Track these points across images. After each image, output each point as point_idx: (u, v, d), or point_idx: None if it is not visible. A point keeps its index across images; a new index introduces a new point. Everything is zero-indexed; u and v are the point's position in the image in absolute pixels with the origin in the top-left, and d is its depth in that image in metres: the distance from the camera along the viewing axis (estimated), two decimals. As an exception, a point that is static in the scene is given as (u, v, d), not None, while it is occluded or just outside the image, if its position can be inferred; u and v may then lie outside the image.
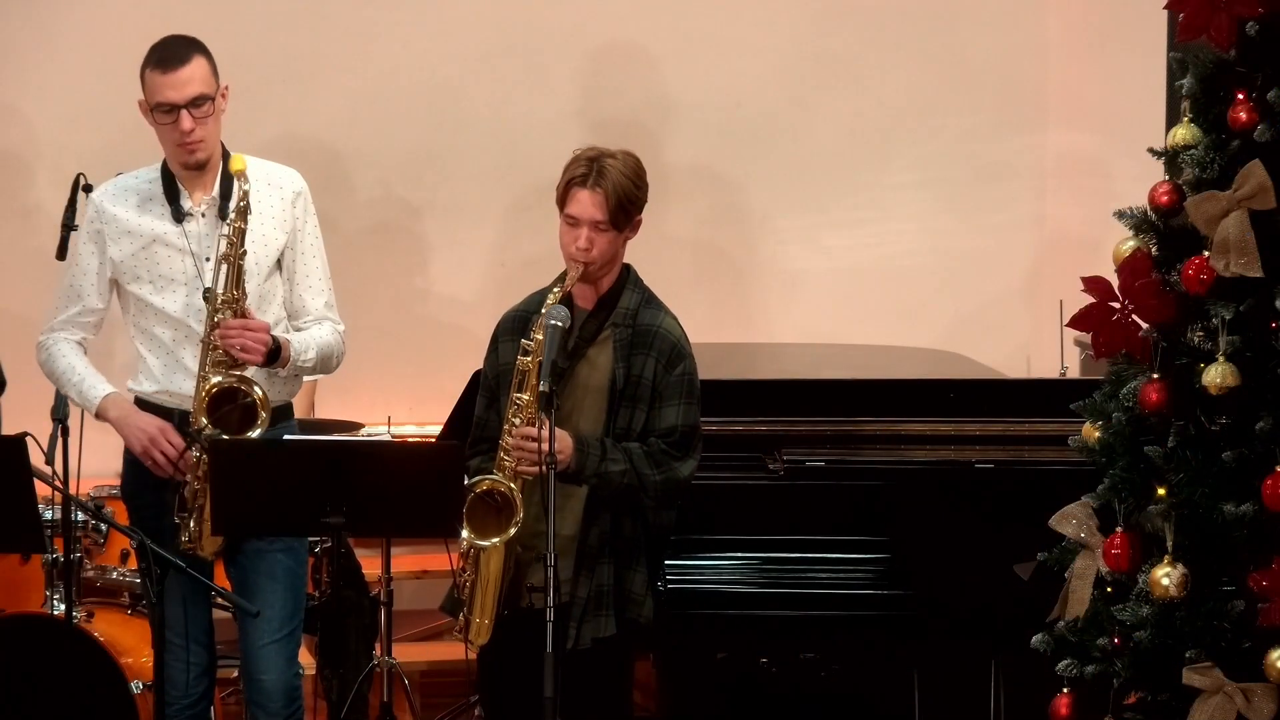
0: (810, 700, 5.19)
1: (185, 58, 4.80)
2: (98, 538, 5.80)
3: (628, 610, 4.64)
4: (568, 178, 4.59)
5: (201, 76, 4.80)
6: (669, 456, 4.60)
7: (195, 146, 4.81)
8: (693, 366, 4.68)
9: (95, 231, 4.94)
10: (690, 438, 4.65)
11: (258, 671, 4.94)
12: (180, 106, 4.78)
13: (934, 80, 7.36)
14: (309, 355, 4.90)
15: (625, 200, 4.56)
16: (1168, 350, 4.04)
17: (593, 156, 4.59)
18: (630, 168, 4.60)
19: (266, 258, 4.91)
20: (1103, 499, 4.14)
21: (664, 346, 4.63)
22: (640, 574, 4.67)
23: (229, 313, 4.75)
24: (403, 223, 7.14)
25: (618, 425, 4.60)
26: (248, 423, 4.75)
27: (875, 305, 7.39)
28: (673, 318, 4.71)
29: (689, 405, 4.65)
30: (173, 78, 4.78)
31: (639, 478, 4.56)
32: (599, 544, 4.60)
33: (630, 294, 4.68)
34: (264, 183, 4.92)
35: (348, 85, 7.05)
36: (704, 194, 7.34)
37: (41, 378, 5.06)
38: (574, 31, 7.20)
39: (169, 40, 4.87)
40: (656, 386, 4.62)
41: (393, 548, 6.13)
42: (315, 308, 4.98)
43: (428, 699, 6.56)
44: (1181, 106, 4.10)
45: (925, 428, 5.37)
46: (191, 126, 4.78)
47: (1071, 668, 4.13)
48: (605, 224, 4.56)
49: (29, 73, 6.97)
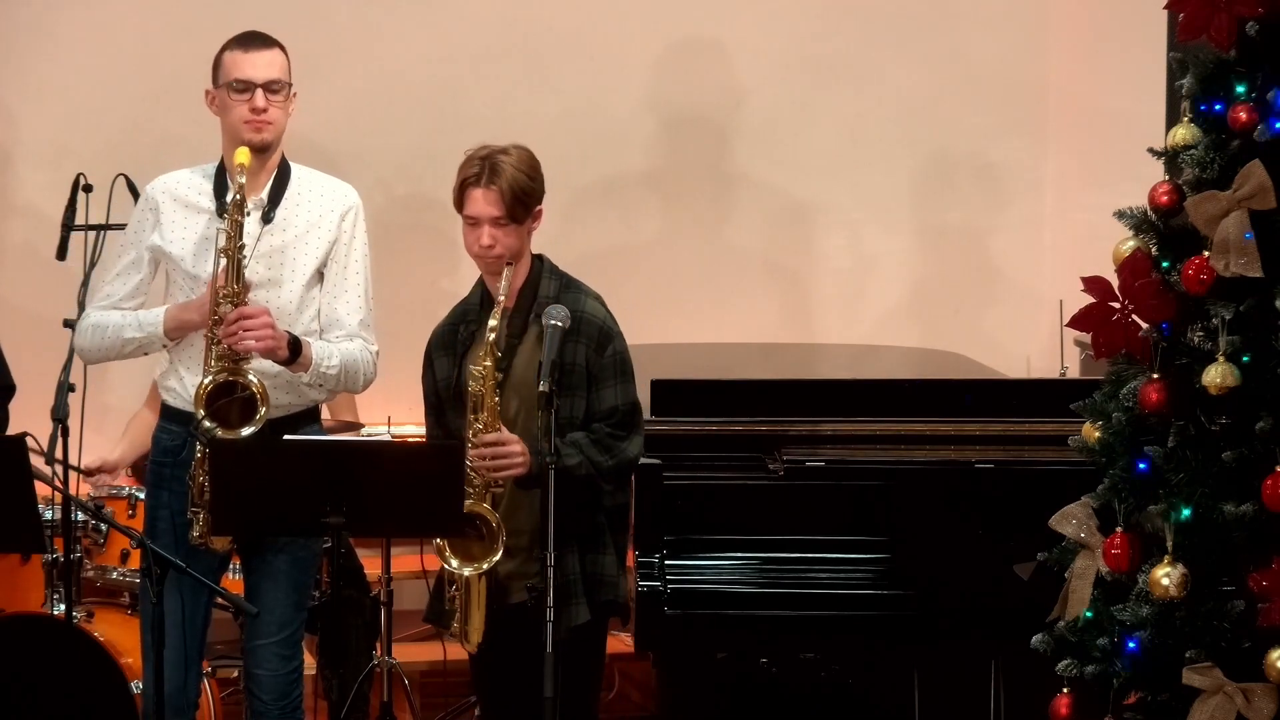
0: (810, 700, 5.19)
1: (269, 44, 4.94)
2: (98, 538, 5.80)
3: (600, 593, 4.66)
4: (461, 178, 4.65)
5: (281, 64, 4.93)
6: (615, 439, 4.64)
7: (263, 125, 4.87)
8: (622, 345, 4.72)
9: (148, 221, 4.97)
10: (632, 415, 4.70)
11: (252, 666, 5.00)
12: (257, 85, 4.86)
13: (934, 80, 7.36)
14: (332, 363, 4.90)
15: (520, 194, 4.60)
16: (1168, 350, 4.04)
17: (484, 155, 4.63)
18: (524, 161, 4.64)
19: (306, 268, 4.93)
20: (1103, 499, 4.14)
21: (590, 330, 4.66)
22: (609, 556, 4.69)
23: (230, 306, 4.76)
24: (402, 223, 7.14)
25: (559, 416, 4.59)
26: (248, 415, 4.75)
27: (875, 305, 7.39)
28: (594, 298, 4.74)
29: (624, 384, 4.69)
30: (255, 56, 4.90)
31: (594, 466, 4.60)
32: (560, 536, 4.57)
33: (548, 282, 4.71)
34: (317, 193, 4.98)
35: (348, 85, 7.05)
36: (704, 194, 7.34)
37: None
38: (574, 31, 7.20)
39: (253, 31, 4.98)
40: (590, 370, 4.65)
41: (393, 548, 6.13)
42: (349, 324, 4.98)
43: (428, 699, 6.57)
44: (1181, 106, 4.10)
45: (925, 428, 5.36)
46: (264, 105, 4.86)
47: (1071, 668, 4.13)
48: (504, 219, 4.60)
49: (29, 73, 6.97)
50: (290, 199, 4.95)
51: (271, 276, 4.91)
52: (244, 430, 4.74)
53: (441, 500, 4.48)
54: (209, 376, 4.76)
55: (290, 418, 4.94)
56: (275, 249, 4.92)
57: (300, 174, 5.00)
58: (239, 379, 4.76)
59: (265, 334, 4.75)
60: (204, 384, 4.75)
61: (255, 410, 4.75)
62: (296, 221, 4.94)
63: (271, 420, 4.79)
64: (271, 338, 4.76)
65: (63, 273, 5.61)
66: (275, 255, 4.92)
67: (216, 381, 4.75)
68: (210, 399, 4.74)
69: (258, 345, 4.75)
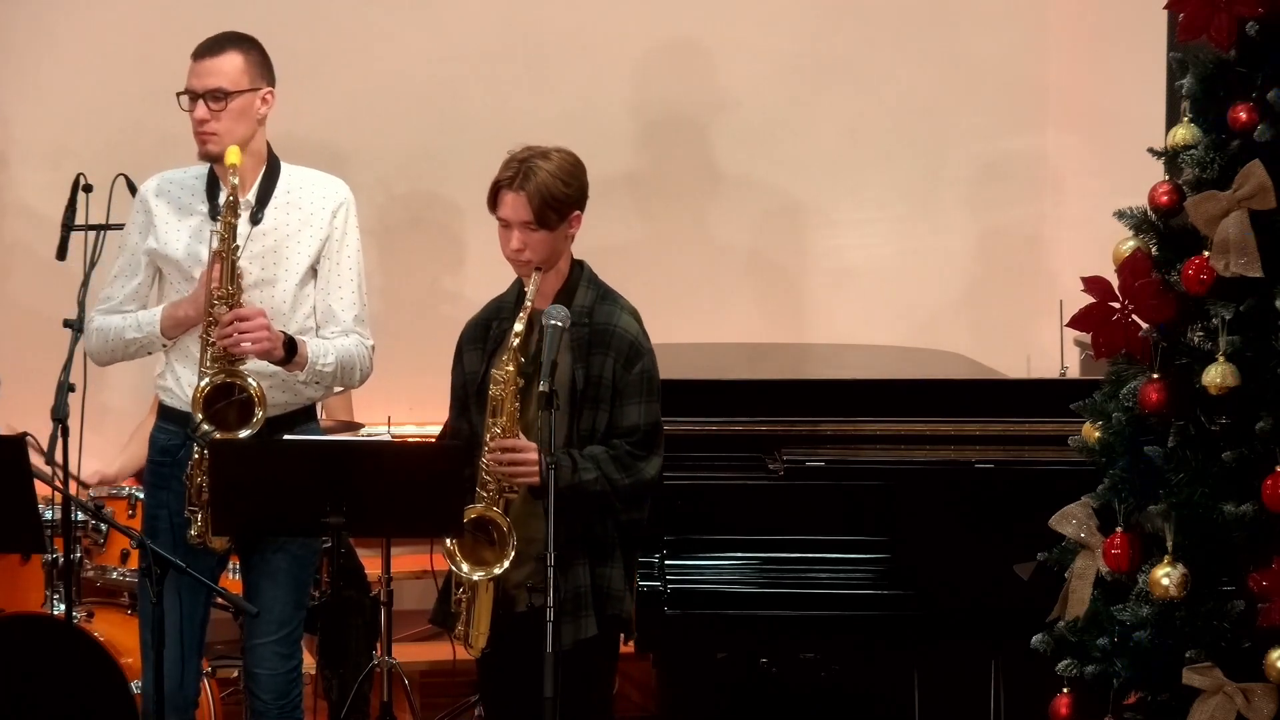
0: (810, 700, 5.19)
1: (218, 50, 4.88)
2: (98, 538, 5.81)
3: (609, 607, 4.63)
4: (495, 179, 4.58)
5: (228, 72, 4.85)
6: (634, 458, 4.59)
7: (206, 137, 4.86)
8: (652, 363, 4.66)
9: (140, 222, 4.98)
10: (653, 435, 4.64)
11: (251, 665, 5.00)
12: (198, 95, 4.84)
13: (934, 80, 7.36)
14: (328, 360, 4.90)
15: (551, 200, 4.52)
16: (1168, 350, 4.04)
17: (523, 158, 4.56)
18: (562, 167, 4.55)
19: (299, 266, 4.93)
20: (1103, 499, 4.14)
21: (621, 345, 4.61)
22: (618, 570, 4.66)
23: (224, 308, 4.76)
24: (402, 222, 7.14)
25: (581, 428, 4.58)
26: (245, 417, 4.75)
27: (875, 305, 7.39)
28: (630, 313, 4.67)
29: (650, 403, 4.63)
30: (197, 65, 4.88)
31: (610, 483, 4.55)
32: (570, 546, 4.56)
33: (584, 291, 4.66)
34: (307, 191, 4.97)
35: (348, 85, 7.05)
36: (703, 194, 7.34)
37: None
38: (574, 31, 7.20)
39: (219, 34, 4.94)
40: (616, 385, 4.60)
41: (393, 548, 6.13)
42: (345, 319, 4.98)
43: (428, 699, 6.57)
44: (1181, 106, 4.09)
45: (925, 428, 5.36)
46: (204, 116, 4.84)
47: (1071, 668, 4.13)
48: (533, 224, 4.53)
49: (28, 73, 6.97)
50: (280, 197, 4.94)
51: (265, 276, 4.91)
52: (242, 432, 4.74)
53: (441, 500, 4.47)
54: (205, 379, 4.75)
55: (286, 416, 4.94)
56: (268, 249, 4.91)
57: (290, 172, 4.99)
58: (236, 381, 4.76)
59: (261, 336, 4.75)
60: (201, 387, 4.75)
61: (253, 412, 4.74)
62: (288, 220, 4.93)
63: (268, 419, 4.79)
64: (267, 339, 4.76)
65: (63, 273, 5.61)
66: (268, 255, 4.91)
67: (214, 384, 4.75)
68: (208, 402, 4.74)
69: (254, 348, 4.74)
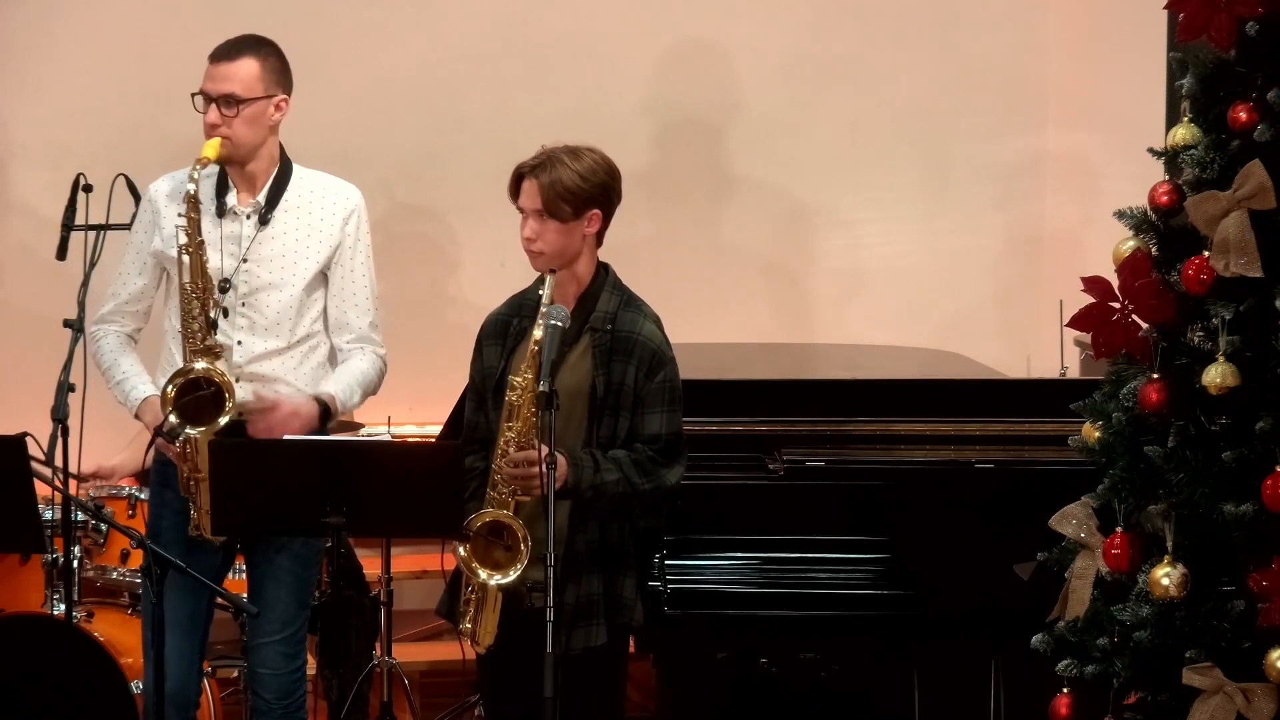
0: (810, 700, 5.20)
1: (235, 55, 4.89)
2: (98, 538, 5.80)
3: (619, 615, 4.63)
4: (517, 166, 4.60)
5: (243, 78, 4.87)
6: (656, 464, 4.57)
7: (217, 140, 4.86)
8: (674, 372, 4.64)
9: (147, 222, 5.00)
10: (675, 444, 4.62)
11: (255, 665, 5.02)
12: (211, 99, 4.86)
13: (934, 80, 7.36)
14: (354, 400, 4.99)
15: (563, 191, 4.52)
16: (1168, 350, 4.04)
17: (551, 151, 4.58)
18: (586, 164, 4.56)
19: (307, 270, 4.93)
20: (1103, 499, 4.14)
21: (644, 354, 4.59)
22: (630, 579, 4.65)
23: (197, 304, 4.78)
24: (402, 223, 7.14)
25: (601, 434, 4.57)
26: (218, 407, 4.77)
27: (875, 305, 7.39)
28: (653, 321, 4.66)
29: (672, 412, 4.61)
30: (214, 69, 4.89)
31: (631, 486, 4.54)
32: (586, 552, 4.57)
33: (609, 296, 4.64)
34: (318, 195, 4.98)
35: (348, 85, 7.05)
36: (703, 194, 7.34)
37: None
38: (574, 31, 7.20)
39: (238, 37, 4.95)
40: (638, 393, 4.58)
41: (393, 548, 6.13)
42: (359, 327, 5.00)
43: (428, 699, 6.57)
44: (1181, 106, 4.10)
45: (925, 428, 5.36)
46: (216, 121, 4.85)
47: (1071, 668, 4.13)
48: (542, 213, 4.54)
49: (28, 73, 6.97)
50: (290, 201, 4.94)
51: (272, 280, 4.91)
52: (220, 420, 4.76)
53: (441, 500, 4.47)
54: (167, 381, 4.78)
55: None
56: (275, 253, 4.92)
57: (301, 175, 4.99)
58: (202, 376, 4.77)
59: (293, 427, 4.81)
60: (166, 390, 4.77)
61: (224, 401, 4.76)
62: (297, 224, 4.94)
63: None
64: (298, 426, 4.81)
65: (63, 273, 5.61)
66: (276, 259, 4.92)
67: (177, 385, 4.76)
68: (178, 401, 4.75)
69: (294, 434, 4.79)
